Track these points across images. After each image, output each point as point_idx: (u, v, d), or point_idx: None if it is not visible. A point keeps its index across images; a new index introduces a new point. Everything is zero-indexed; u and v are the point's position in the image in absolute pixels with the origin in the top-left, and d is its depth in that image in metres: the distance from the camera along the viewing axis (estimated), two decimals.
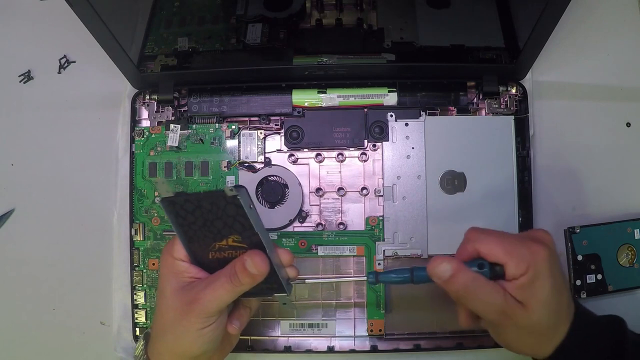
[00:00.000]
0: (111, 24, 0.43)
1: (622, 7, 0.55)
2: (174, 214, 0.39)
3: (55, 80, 0.55)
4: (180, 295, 0.40)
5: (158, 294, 0.42)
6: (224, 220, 0.38)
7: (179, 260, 0.41)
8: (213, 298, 0.39)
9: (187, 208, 0.38)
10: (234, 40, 0.52)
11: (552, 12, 0.42)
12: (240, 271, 0.39)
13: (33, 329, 0.52)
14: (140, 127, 0.52)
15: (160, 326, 0.41)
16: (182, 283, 0.40)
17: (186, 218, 0.39)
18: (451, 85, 0.51)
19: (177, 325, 0.40)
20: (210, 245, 0.40)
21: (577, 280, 0.50)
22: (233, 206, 0.37)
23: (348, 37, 0.53)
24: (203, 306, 0.39)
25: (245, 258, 0.39)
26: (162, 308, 0.41)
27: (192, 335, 0.40)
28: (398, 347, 0.50)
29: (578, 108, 0.54)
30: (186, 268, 0.41)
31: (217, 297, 0.39)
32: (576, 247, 0.50)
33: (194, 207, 0.38)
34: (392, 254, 0.50)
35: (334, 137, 0.51)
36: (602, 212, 0.52)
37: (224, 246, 0.39)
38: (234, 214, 0.38)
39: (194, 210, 0.38)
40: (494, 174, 0.50)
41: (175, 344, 0.41)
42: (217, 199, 0.37)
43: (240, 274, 0.39)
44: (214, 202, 0.38)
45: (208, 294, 0.39)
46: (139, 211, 0.51)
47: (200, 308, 0.39)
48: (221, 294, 0.39)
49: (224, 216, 0.38)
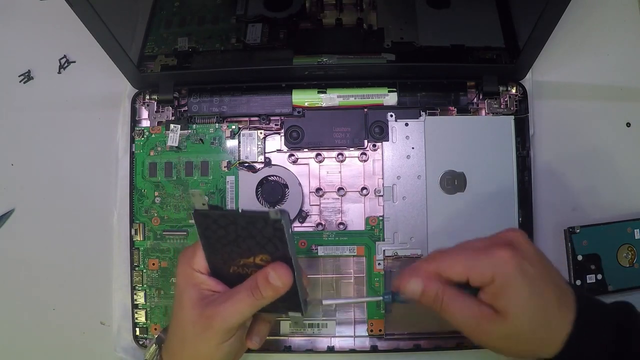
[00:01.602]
0: (111, 24, 0.43)
1: (622, 7, 0.55)
2: (203, 226, 0.38)
3: (55, 80, 0.55)
4: (199, 308, 0.39)
5: (175, 305, 0.41)
6: (257, 240, 0.37)
7: (198, 272, 0.40)
8: (234, 312, 0.39)
9: (219, 222, 0.37)
10: (234, 40, 0.52)
11: (552, 12, 0.42)
12: (262, 284, 0.38)
13: (33, 329, 0.52)
14: (140, 127, 0.52)
15: (178, 338, 0.41)
16: (200, 295, 0.40)
17: (216, 232, 0.38)
18: (451, 85, 0.51)
19: (196, 339, 0.39)
20: (234, 260, 0.39)
21: (577, 280, 0.50)
22: (272, 229, 0.36)
23: (348, 37, 0.53)
24: (223, 320, 0.39)
25: (269, 271, 0.38)
26: (181, 320, 0.40)
27: (211, 349, 0.39)
28: (398, 347, 0.50)
29: (578, 108, 0.54)
30: (205, 280, 0.40)
31: (238, 311, 0.39)
32: (576, 247, 0.50)
33: (228, 223, 0.37)
34: (392, 254, 0.50)
35: (334, 137, 0.51)
36: (602, 212, 0.52)
37: (249, 263, 0.39)
38: (271, 236, 0.37)
39: (227, 225, 0.37)
40: (494, 174, 0.50)
41: (194, 357, 0.40)
42: (256, 220, 0.37)
43: (262, 286, 0.38)
44: (251, 222, 0.37)
45: (228, 308, 0.39)
46: (139, 211, 0.51)
47: (220, 322, 0.39)
48: (242, 307, 0.39)
49: (258, 236, 0.37)
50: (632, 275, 0.50)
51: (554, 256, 0.51)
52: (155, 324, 0.50)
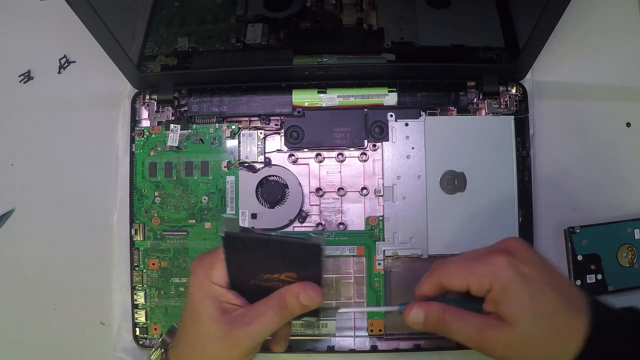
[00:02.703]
0: (111, 24, 0.43)
1: (622, 7, 0.55)
2: (230, 247, 0.37)
3: (55, 80, 0.55)
4: (222, 324, 0.39)
5: (189, 316, 0.41)
6: (287, 260, 0.37)
7: (216, 285, 0.40)
8: (262, 332, 0.39)
9: (249, 245, 0.37)
10: (234, 40, 0.52)
11: (552, 12, 0.42)
12: (292, 303, 0.38)
13: (33, 329, 0.52)
14: (140, 127, 0.52)
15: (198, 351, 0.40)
16: (220, 309, 0.39)
17: (242, 252, 0.37)
18: (451, 85, 0.51)
19: (221, 355, 0.39)
20: (256, 275, 0.39)
21: (577, 280, 0.50)
22: (309, 254, 0.36)
23: (348, 37, 0.53)
24: (252, 340, 0.39)
25: (299, 291, 0.38)
26: (200, 334, 0.39)
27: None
28: (398, 347, 0.50)
29: (578, 108, 0.54)
30: (224, 293, 0.40)
31: (266, 330, 0.39)
32: (576, 247, 0.50)
33: (257, 245, 0.37)
34: (392, 254, 0.50)
35: (334, 137, 0.51)
36: (602, 212, 0.52)
37: (274, 278, 0.39)
38: (305, 258, 0.37)
39: (256, 247, 0.37)
40: (494, 174, 0.50)
41: None
42: (292, 245, 0.36)
43: (292, 306, 0.38)
44: (284, 246, 0.37)
45: (256, 329, 0.38)
46: (139, 211, 0.51)
47: (248, 343, 0.39)
48: (270, 327, 0.39)
49: (290, 257, 0.37)
50: (632, 275, 0.50)
51: (554, 256, 0.51)
52: (155, 324, 0.50)
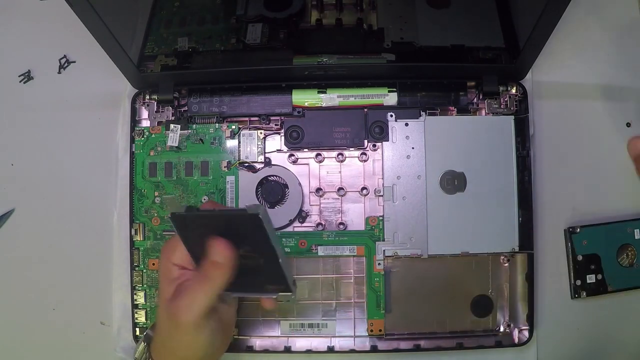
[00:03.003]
0: (111, 24, 0.43)
1: (622, 7, 0.55)
2: (182, 227, 0.38)
3: (55, 80, 0.55)
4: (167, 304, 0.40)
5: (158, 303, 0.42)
6: (236, 236, 0.38)
7: (176, 266, 0.40)
8: (192, 303, 0.38)
9: (197, 222, 0.38)
10: (234, 40, 0.52)
11: (552, 12, 0.42)
12: (207, 267, 0.38)
13: (33, 329, 0.52)
14: (140, 127, 0.52)
15: (159, 335, 0.41)
16: (177, 290, 0.40)
17: (194, 230, 0.38)
18: (451, 85, 0.51)
19: (172, 335, 0.40)
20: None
21: (577, 280, 0.50)
22: (251, 224, 0.37)
23: (348, 37, 0.53)
24: (186, 314, 0.38)
25: (209, 253, 0.38)
26: (158, 317, 0.41)
27: (189, 343, 0.39)
28: (398, 347, 0.50)
29: (578, 108, 0.54)
30: (181, 274, 0.40)
31: (195, 301, 0.38)
32: (576, 247, 0.50)
33: (206, 222, 0.38)
34: (392, 254, 0.50)
35: (334, 137, 0.51)
36: (602, 212, 0.52)
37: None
38: (251, 230, 0.37)
39: (205, 224, 0.38)
40: (494, 174, 0.50)
41: (175, 352, 0.40)
42: (234, 218, 0.37)
43: (207, 269, 0.38)
44: (229, 220, 0.37)
45: (185, 301, 0.38)
46: (139, 211, 0.51)
47: (184, 316, 0.38)
48: (198, 296, 0.38)
49: (236, 232, 0.38)
50: (632, 275, 0.50)
51: (554, 256, 0.51)
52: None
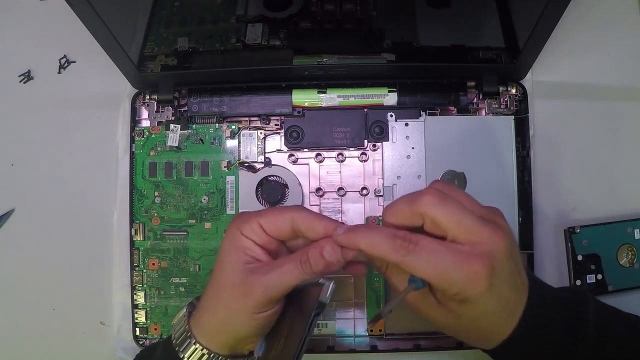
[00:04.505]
0: (111, 24, 0.43)
1: (622, 7, 0.55)
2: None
3: (55, 80, 0.55)
4: (240, 273, 0.38)
5: (216, 267, 0.40)
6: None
7: (245, 237, 0.39)
8: (278, 282, 0.37)
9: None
10: (234, 40, 0.52)
11: (552, 12, 0.42)
12: (315, 257, 0.37)
13: (33, 329, 0.52)
14: (140, 127, 0.52)
15: (213, 300, 0.39)
16: (244, 260, 0.38)
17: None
18: (451, 85, 0.51)
19: (232, 303, 0.38)
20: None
21: (577, 280, 0.50)
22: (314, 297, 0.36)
23: (348, 37, 0.53)
24: (266, 289, 0.37)
25: (323, 245, 0.37)
26: (219, 281, 0.38)
27: (246, 317, 0.37)
28: (398, 347, 0.50)
29: (578, 108, 0.54)
30: (251, 246, 0.38)
31: (283, 282, 0.37)
32: (576, 247, 0.50)
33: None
34: None
35: (334, 137, 0.51)
36: (602, 212, 0.52)
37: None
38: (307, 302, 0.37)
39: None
40: (494, 174, 0.50)
41: (226, 322, 0.38)
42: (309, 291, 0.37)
43: (314, 259, 0.37)
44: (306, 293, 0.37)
45: (273, 278, 0.37)
46: (139, 211, 0.51)
47: (262, 291, 0.37)
48: (288, 279, 0.37)
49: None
50: (632, 275, 0.50)
51: (554, 256, 0.51)
52: (155, 324, 0.50)
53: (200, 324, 0.39)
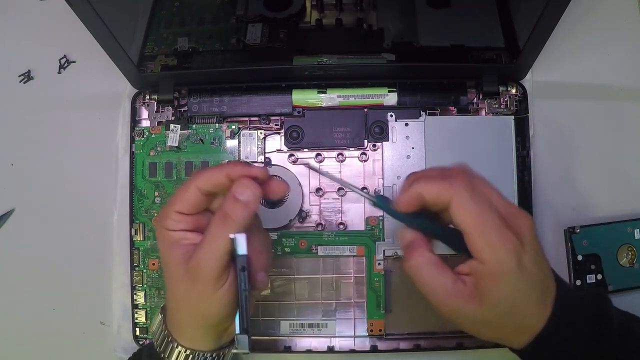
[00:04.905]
0: (111, 24, 0.43)
1: (622, 6, 0.55)
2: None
3: (55, 80, 0.55)
4: (182, 265, 0.37)
5: (163, 270, 0.40)
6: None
7: (172, 231, 0.38)
8: (213, 251, 0.36)
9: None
10: (234, 40, 0.52)
11: (552, 12, 0.42)
12: (231, 206, 0.36)
13: (33, 329, 0.52)
14: (140, 127, 0.52)
15: (173, 300, 0.39)
16: (182, 252, 0.38)
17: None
18: (451, 85, 0.51)
19: (188, 295, 0.37)
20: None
21: (577, 280, 0.50)
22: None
23: (348, 37, 0.53)
24: (206, 264, 0.36)
25: (233, 189, 0.36)
26: (171, 282, 0.38)
27: (208, 301, 0.37)
28: (398, 347, 0.50)
29: (578, 108, 0.54)
30: (182, 235, 0.38)
31: (217, 248, 0.36)
32: (576, 247, 0.50)
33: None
34: (392, 254, 0.50)
35: (334, 137, 0.51)
36: (602, 212, 0.52)
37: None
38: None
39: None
40: (494, 174, 0.49)
41: (193, 314, 0.38)
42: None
43: (231, 209, 0.36)
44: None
45: (205, 249, 0.36)
46: (139, 211, 0.51)
47: (205, 268, 0.36)
48: (219, 243, 0.36)
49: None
50: (632, 275, 0.50)
51: (554, 256, 0.51)
52: None
53: (175, 323, 0.40)
